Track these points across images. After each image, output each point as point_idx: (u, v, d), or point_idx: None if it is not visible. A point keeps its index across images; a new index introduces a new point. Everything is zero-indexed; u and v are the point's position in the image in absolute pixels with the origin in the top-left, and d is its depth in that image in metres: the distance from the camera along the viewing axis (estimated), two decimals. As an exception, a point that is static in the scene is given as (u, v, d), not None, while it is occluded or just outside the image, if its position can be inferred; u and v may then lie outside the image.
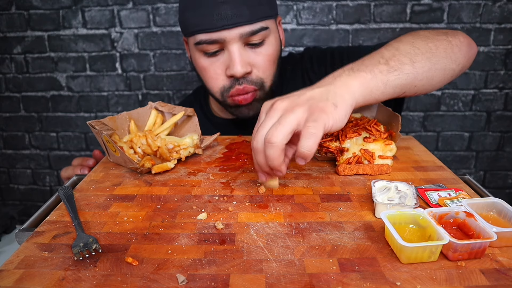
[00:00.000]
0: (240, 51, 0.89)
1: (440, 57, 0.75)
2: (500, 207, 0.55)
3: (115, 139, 0.77)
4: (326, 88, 0.62)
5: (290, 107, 0.59)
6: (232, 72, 0.89)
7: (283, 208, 0.61)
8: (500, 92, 1.68)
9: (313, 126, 0.56)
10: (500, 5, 1.56)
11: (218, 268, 0.47)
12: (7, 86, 1.78)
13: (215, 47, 0.89)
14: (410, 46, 0.74)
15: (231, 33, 0.86)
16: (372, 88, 0.66)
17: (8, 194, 1.97)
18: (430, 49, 0.74)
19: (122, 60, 1.70)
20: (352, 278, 0.45)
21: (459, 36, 0.81)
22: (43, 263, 0.49)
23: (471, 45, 0.83)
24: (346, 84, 0.64)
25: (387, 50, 0.72)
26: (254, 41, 0.90)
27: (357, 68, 0.67)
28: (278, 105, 0.61)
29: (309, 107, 0.59)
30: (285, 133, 0.57)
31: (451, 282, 0.45)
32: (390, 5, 1.58)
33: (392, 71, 0.69)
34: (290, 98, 0.62)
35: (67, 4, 1.63)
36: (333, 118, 0.59)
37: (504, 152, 1.77)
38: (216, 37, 0.87)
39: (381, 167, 0.72)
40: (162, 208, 0.62)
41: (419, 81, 0.73)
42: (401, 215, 0.53)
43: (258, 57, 0.92)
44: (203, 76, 0.97)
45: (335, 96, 0.61)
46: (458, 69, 0.80)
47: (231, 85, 0.93)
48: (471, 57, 0.83)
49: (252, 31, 0.88)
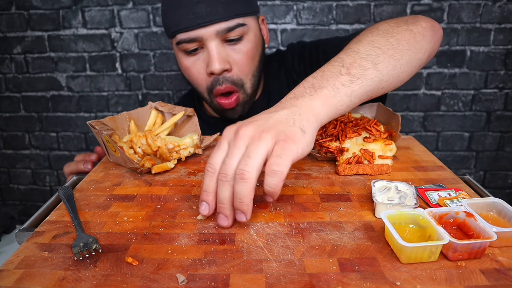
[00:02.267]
0: (218, 48, 0.91)
1: (404, 51, 0.71)
2: (500, 207, 0.55)
3: (115, 139, 0.77)
4: (291, 111, 0.58)
5: (257, 134, 0.53)
6: (210, 69, 0.91)
7: (283, 208, 0.61)
8: (500, 92, 1.68)
9: (277, 164, 0.51)
10: (500, 5, 1.56)
11: (218, 268, 0.47)
12: (7, 86, 1.77)
13: (194, 45, 0.92)
14: (370, 46, 0.69)
15: (207, 30, 0.89)
16: (336, 105, 0.63)
17: (8, 194, 1.97)
18: (391, 45, 0.70)
19: (122, 60, 1.70)
20: (352, 278, 0.45)
21: (421, 21, 0.77)
22: (43, 263, 0.49)
23: (435, 28, 0.79)
24: (309, 106, 0.60)
25: (347, 55, 0.67)
26: (232, 37, 0.91)
27: (318, 85, 0.63)
28: (243, 132, 0.54)
29: (276, 135, 0.54)
30: (257, 167, 0.52)
31: (451, 282, 0.45)
32: (390, 5, 1.58)
33: (355, 80, 0.64)
34: (255, 123, 0.56)
35: (67, 4, 1.63)
36: (302, 146, 0.55)
37: (504, 152, 1.77)
38: (194, 36, 0.90)
39: (381, 167, 0.72)
40: (162, 208, 0.62)
41: (385, 81, 0.69)
42: (401, 215, 0.53)
43: (236, 54, 0.94)
44: (187, 76, 1.00)
45: (301, 120, 0.57)
46: (425, 57, 0.76)
47: (212, 85, 0.95)
48: (437, 41, 0.79)
49: (228, 27, 0.90)
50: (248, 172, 0.51)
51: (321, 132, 0.79)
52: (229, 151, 0.54)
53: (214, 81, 0.95)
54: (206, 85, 0.97)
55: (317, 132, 0.61)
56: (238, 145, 0.54)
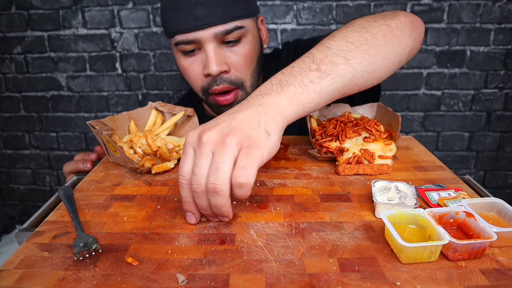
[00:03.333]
0: (215, 50, 0.91)
1: (380, 46, 0.68)
2: (500, 207, 0.55)
3: (115, 139, 0.77)
4: (256, 111, 0.56)
5: (220, 139, 0.52)
6: (208, 71, 0.92)
7: (283, 208, 0.61)
8: (500, 92, 1.68)
9: (243, 176, 0.51)
10: (500, 5, 1.56)
11: (218, 268, 0.47)
12: (7, 86, 1.77)
13: (192, 46, 0.92)
14: (343, 41, 0.67)
15: (205, 33, 0.89)
16: (304, 102, 0.61)
17: (8, 194, 1.97)
18: (366, 40, 0.67)
19: (122, 60, 1.70)
20: (352, 278, 0.45)
21: (399, 16, 0.74)
22: (43, 263, 0.49)
23: (415, 22, 0.76)
24: (275, 104, 0.58)
25: (319, 50, 0.65)
26: (230, 39, 0.92)
27: (286, 82, 0.61)
28: (207, 137, 0.53)
29: (241, 139, 0.52)
30: (227, 178, 0.51)
31: (451, 282, 0.45)
32: (390, 5, 1.57)
33: (324, 76, 0.62)
34: (219, 127, 0.54)
35: (67, 4, 1.63)
36: (267, 150, 0.54)
37: (504, 152, 1.77)
38: (192, 38, 0.90)
39: (381, 167, 0.72)
40: (162, 208, 0.62)
41: (359, 78, 0.67)
42: (401, 215, 0.53)
43: (234, 56, 0.94)
44: (185, 76, 1.01)
45: (266, 121, 0.56)
46: (405, 52, 0.73)
47: (209, 85, 0.96)
48: (417, 36, 0.76)
49: (226, 30, 0.90)
50: (220, 185, 0.51)
51: (321, 132, 0.79)
52: (196, 160, 0.53)
53: (211, 82, 0.95)
54: (202, 85, 0.97)
55: (283, 132, 0.59)
56: (204, 152, 0.53)
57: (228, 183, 0.51)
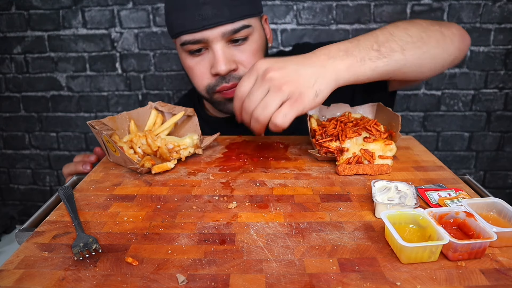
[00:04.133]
0: (223, 50, 0.91)
1: (431, 47, 0.79)
2: (500, 207, 0.55)
3: (115, 139, 0.77)
4: (317, 71, 0.69)
5: (279, 85, 0.67)
6: (216, 70, 0.91)
7: (283, 208, 0.61)
8: (500, 92, 1.68)
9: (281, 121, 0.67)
10: (500, 5, 1.56)
11: (218, 268, 0.47)
12: (7, 86, 1.77)
13: (199, 46, 0.92)
14: (404, 33, 0.77)
15: (213, 32, 0.88)
16: (358, 74, 0.72)
17: (8, 194, 1.97)
18: (421, 38, 0.78)
19: (122, 60, 1.70)
20: (352, 278, 0.45)
21: (453, 28, 0.84)
22: (43, 263, 0.49)
23: (464, 37, 0.86)
24: (336, 69, 0.70)
25: (382, 34, 0.76)
26: (237, 37, 0.92)
27: (350, 52, 0.72)
28: (270, 77, 0.67)
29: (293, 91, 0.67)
30: (269, 116, 0.68)
31: (451, 282, 0.45)
32: (390, 5, 1.57)
33: (381, 57, 0.73)
34: (283, 72, 0.68)
35: (67, 4, 1.63)
36: (310, 106, 0.68)
37: (504, 152, 1.77)
38: (199, 37, 0.89)
39: (381, 167, 0.72)
40: (162, 208, 0.62)
41: (408, 68, 0.77)
42: (401, 215, 0.53)
43: (242, 54, 0.94)
44: (190, 76, 1.00)
45: (321, 83, 0.68)
46: (450, 59, 0.84)
47: (217, 83, 0.95)
48: (463, 48, 0.86)
49: (233, 29, 0.90)
50: (263, 119, 0.69)
51: (321, 132, 0.79)
52: (255, 88, 0.69)
53: (220, 80, 0.94)
54: (208, 84, 0.96)
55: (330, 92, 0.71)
56: (262, 86, 0.68)
57: (268, 119, 0.68)
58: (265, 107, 0.67)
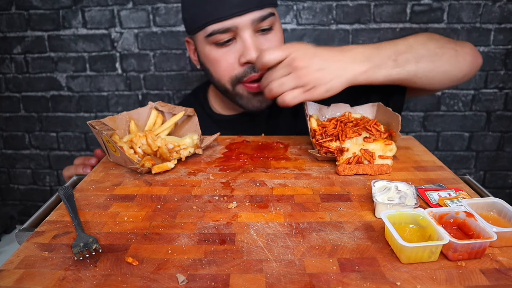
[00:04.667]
0: (252, 38, 0.92)
1: (444, 63, 0.85)
2: (500, 207, 0.55)
3: (115, 139, 0.77)
4: (339, 69, 0.78)
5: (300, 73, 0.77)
6: (247, 58, 0.91)
7: (283, 208, 0.61)
8: (500, 92, 1.68)
9: (288, 101, 0.78)
10: (500, 5, 1.56)
11: (218, 268, 0.47)
12: (7, 86, 1.77)
13: (228, 35, 0.91)
14: (421, 46, 0.84)
15: (243, 19, 0.89)
16: (372, 79, 0.81)
17: (8, 194, 1.97)
18: (436, 54, 0.84)
19: (122, 60, 1.70)
20: (352, 278, 0.45)
21: (466, 47, 0.90)
22: (43, 263, 0.49)
23: (477, 57, 0.91)
24: (354, 70, 0.78)
25: (403, 44, 0.84)
26: (264, 26, 0.93)
27: (372, 58, 0.80)
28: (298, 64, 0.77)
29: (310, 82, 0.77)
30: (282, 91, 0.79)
31: (451, 282, 0.45)
32: (390, 5, 1.57)
33: (396, 67, 0.81)
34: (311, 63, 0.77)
35: (67, 4, 1.63)
36: (318, 97, 0.78)
37: (504, 152, 1.77)
38: (229, 25, 0.90)
39: (381, 167, 0.72)
40: (162, 208, 0.62)
41: (418, 78, 0.84)
42: (401, 215, 0.53)
43: (269, 43, 0.95)
44: (214, 69, 0.98)
45: (337, 82, 0.77)
46: (460, 75, 0.89)
47: (245, 73, 0.94)
48: (474, 67, 0.92)
49: (262, 16, 0.91)
50: (275, 93, 0.80)
51: (321, 132, 0.79)
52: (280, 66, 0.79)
53: (248, 70, 0.94)
54: (235, 75, 0.95)
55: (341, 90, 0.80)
56: (287, 68, 0.78)
57: (279, 94, 0.79)
58: (281, 85, 0.78)
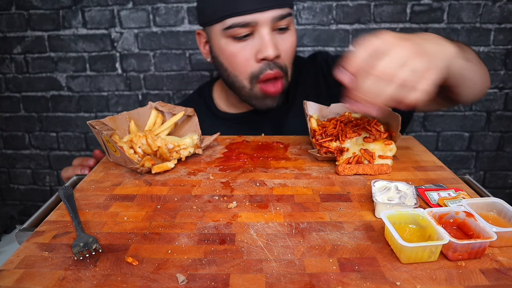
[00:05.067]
0: (270, 35, 0.92)
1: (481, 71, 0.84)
2: (500, 207, 0.55)
3: (115, 139, 0.77)
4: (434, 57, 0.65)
5: (389, 71, 0.61)
6: (264, 54, 0.92)
7: (283, 208, 0.61)
8: (500, 92, 1.68)
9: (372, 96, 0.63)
10: (500, 5, 1.56)
11: (218, 268, 0.47)
12: (7, 86, 1.77)
13: (246, 30, 0.92)
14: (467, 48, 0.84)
15: (263, 15, 0.90)
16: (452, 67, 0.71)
17: (8, 194, 1.97)
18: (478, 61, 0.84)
19: (122, 60, 1.70)
20: (352, 278, 0.45)
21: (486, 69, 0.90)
22: (43, 263, 0.49)
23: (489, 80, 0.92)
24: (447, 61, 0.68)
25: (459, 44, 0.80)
26: (282, 26, 0.93)
27: (462, 55, 0.73)
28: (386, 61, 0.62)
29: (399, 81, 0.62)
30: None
31: (451, 282, 0.45)
32: (390, 5, 1.57)
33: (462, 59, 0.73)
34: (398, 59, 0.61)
35: (67, 4, 1.63)
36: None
37: (504, 152, 1.77)
38: (249, 20, 0.90)
39: (381, 167, 0.72)
40: (162, 208, 0.62)
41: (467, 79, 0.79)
42: (401, 215, 0.53)
43: (285, 43, 0.96)
44: (229, 64, 0.98)
45: (420, 81, 0.63)
46: (484, 91, 0.90)
47: (261, 70, 0.95)
48: (487, 88, 0.92)
49: (281, 15, 0.92)
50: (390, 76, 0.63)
51: (321, 132, 0.79)
52: (388, 55, 0.61)
53: (264, 67, 0.94)
54: (252, 71, 0.96)
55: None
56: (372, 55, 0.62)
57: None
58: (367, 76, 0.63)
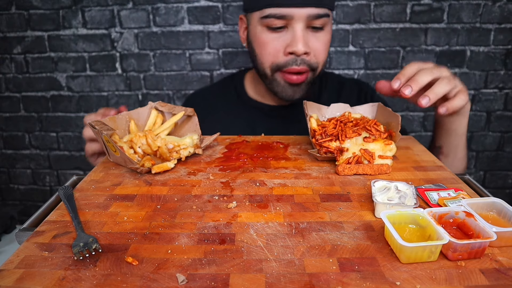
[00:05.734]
0: (303, 31, 0.94)
1: (462, 160, 1.01)
2: (500, 207, 0.55)
3: (115, 139, 0.77)
4: None
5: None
6: (293, 49, 0.94)
7: (283, 208, 0.61)
8: (500, 92, 1.68)
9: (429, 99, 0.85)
10: (500, 5, 1.56)
11: (218, 268, 0.47)
12: (7, 86, 1.77)
13: (281, 22, 0.94)
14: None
15: (300, 11, 0.92)
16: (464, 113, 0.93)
17: (8, 194, 1.97)
18: (465, 155, 1.02)
19: (122, 60, 1.70)
20: (352, 278, 0.45)
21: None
22: (43, 263, 0.49)
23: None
24: None
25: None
26: (317, 25, 0.95)
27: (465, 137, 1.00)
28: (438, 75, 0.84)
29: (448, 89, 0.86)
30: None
31: (451, 282, 0.45)
32: (390, 5, 1.57)
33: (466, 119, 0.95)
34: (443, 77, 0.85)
35: (67, 4, 1.63)
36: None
37: (504, 152, 1.77)
38: (286, 13, 0.92)
39: (381, 167, 0.72)
40: (162, 208, 0.62)
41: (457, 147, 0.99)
42: (401, 215, 0.53)
43: (317, 42, 0.97)
44: (260, 51, 1.01)
45: None
46: (457, 170, 1.01)
47: (286, 64, 0.97)
48: (461, 169, 1.05)
49: (318, 14, 0.93)
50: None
51: (321, 132, 0.79)
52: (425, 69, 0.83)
53: (291, 61, 0.97)
54: (277, 62, 0.98)
55: None
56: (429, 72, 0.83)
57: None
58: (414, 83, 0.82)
